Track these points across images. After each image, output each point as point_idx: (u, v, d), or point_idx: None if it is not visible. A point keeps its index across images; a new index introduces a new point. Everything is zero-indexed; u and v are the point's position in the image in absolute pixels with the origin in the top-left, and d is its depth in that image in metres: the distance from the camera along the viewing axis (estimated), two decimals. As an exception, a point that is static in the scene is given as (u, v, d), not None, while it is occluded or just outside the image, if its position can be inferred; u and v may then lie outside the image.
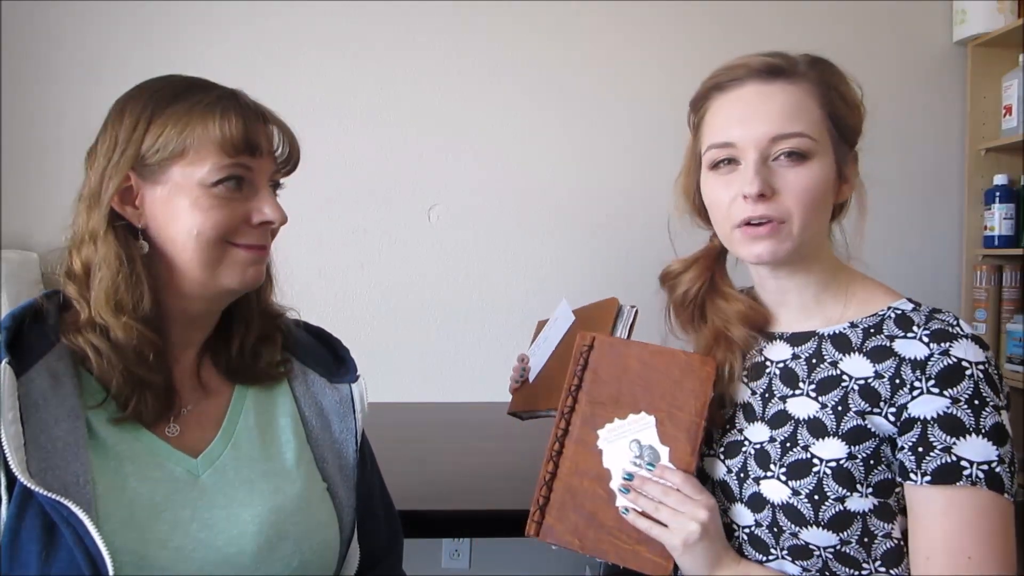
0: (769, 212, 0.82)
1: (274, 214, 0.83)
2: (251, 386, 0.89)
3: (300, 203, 1.97)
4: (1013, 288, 2.03)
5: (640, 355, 0.93)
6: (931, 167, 2.19)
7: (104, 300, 0.77)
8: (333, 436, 0.91)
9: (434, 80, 2.10)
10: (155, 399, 0.79)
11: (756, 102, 0.84)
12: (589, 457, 0.91)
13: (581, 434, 0.92)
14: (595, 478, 0.90)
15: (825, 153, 0.84)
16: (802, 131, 0.82)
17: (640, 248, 2.15)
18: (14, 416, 0.70)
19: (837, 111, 0.85)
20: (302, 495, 0.84)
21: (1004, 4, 2.07)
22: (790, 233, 0.83)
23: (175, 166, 0.78)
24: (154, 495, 0.76)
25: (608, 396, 0.93)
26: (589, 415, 0.93)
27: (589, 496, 0.90)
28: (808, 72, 0.85)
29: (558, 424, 0.94)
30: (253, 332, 0.90)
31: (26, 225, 1.98)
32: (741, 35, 2.12)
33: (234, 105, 0.81)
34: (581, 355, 0.96)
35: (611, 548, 0.88)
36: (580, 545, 0.90)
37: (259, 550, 0.78)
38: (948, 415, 0.77)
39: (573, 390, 0.94)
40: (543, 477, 0.92)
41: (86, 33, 2.01)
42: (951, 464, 0.76)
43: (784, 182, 0.82)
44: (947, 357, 0.79)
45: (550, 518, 0.91)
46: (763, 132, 0.83)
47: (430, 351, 2.11)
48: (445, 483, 1.35)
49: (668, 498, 0.85)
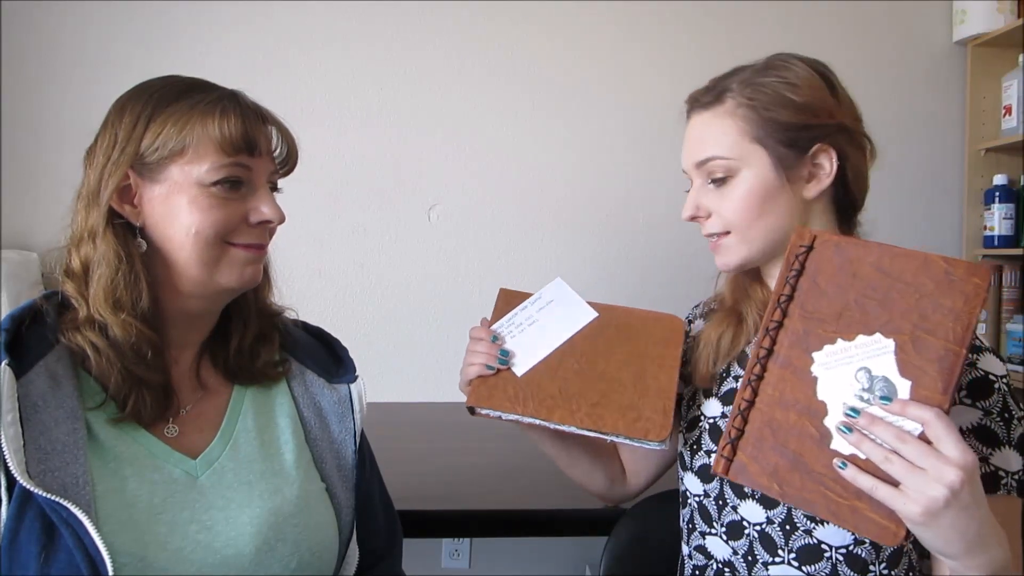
0: (711, 229, 0.92)
1: (273, 213, 0.83)
2: (249, 386, 0.89)
3: (300, 203, 1.99)
4: (1013, 288, 2.03)
5: (879, 260, 0.74)
6: (931, 167, 2.19)
7: (103, 297, 0.77)
8: (332, 436, 0.91)
9: (434, 80, 2.10)
10: (153, 398, 0.79)
11: (690, 132, 0.94)
12: (799, 385, 0.73)
13: (789, 356, 0.75)
14: (805, 412, 0.72)
15: (752, 164, 0.88)
16: (712, 155, 0.89)
17: (641, 248, 2.15)
18: (13, 417, 0.70)
19: (772, 118, 0.87)
20: (301, 496, 0.84)
21: (1004, 4, 2.07)
22: (735, 243, 0.90)
23: (174, 165, 0.78)
24: (153, 497, 0.76)
25: (830, 311, 0.74)
26: (802, 334, 0.75)
27: (796, 433, 0.72)
28: (735, 90, 0.89)
29: (760, 342, 0.77)
30: (251, 332, 0.90)
31: (26, 225, 1.98)
32: (741, 35, 2.12)
33: (234, 105, 0.81)
34: (797, 257, 0.78)
35: (820, 500, 0.70)
36: (780, 492, 0.72)
37: (257, 551, 0.78)
38: (983, 426, 0.80)
39: (783, 301, 0.77)
40: (738, 405, 0.76)
41: (86, 33, 2.01)
42: (990, 474, 0.79)
43: (715, 202, 0.91)
44: (975, 369, 0.82)
45: (743, 455, 0.74)
46: (689, 162, 0.93)
47: (430, 351, 2.11)
48: (445, 483, 1.35)
49: (905, 446, 0.65)
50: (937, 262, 0.71)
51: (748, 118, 0.88)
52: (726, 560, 0.91)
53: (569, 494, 1.30)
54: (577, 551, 2.02)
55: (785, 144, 0.87)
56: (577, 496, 1.27)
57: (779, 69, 0.90)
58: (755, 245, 0.90)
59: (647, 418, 0.90)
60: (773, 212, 0.89)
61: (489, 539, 2.00)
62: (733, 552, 0.90)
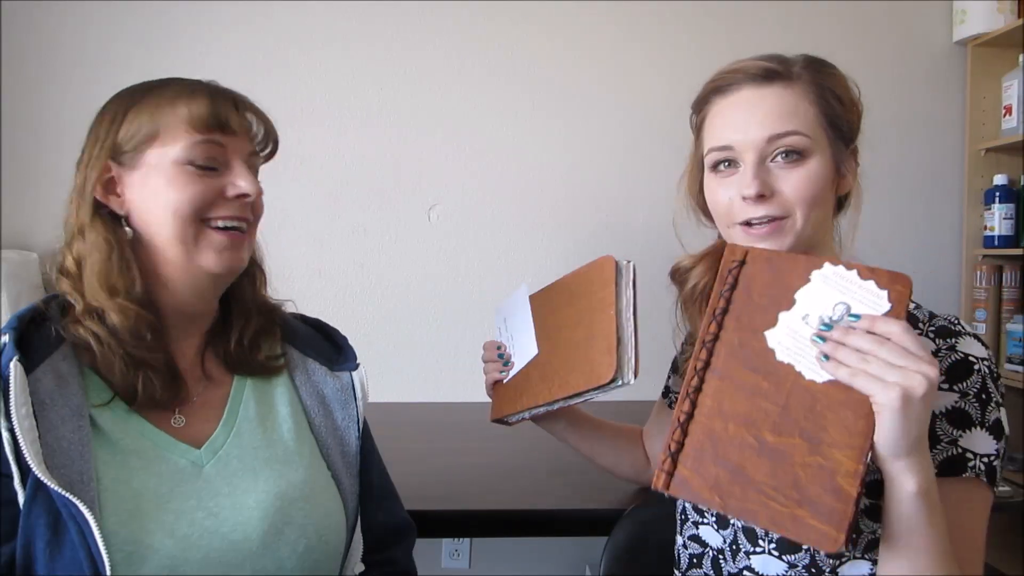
0: (770, 211, 0.85)
1: (249, 187, 0.83)
2: (250, 377, 0.90)
3: (300, 203, 1.99)
4: (1013, 288, 2.03)
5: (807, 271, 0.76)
6: (931, 167, 2.19)
7: (98, 284, 0.80)
8: (335, 424, 0.92)
9: (434, 80, 2.10)
10: (162, 381, 0.81)
11: (752, 106, 0.87)
12: (737, 395, 0.74)
13: (727, 368, 0.76)
14: (744, 423, 0.73)
15: (822, 150, 0.86)
16: (796, 129, 0.85)
17: (641, 247, 2.14)
18: (27, 411, 0.72)
19: (832, 110, 0.87)
20: (306, 481, 0.85)
21: (1004, 4, 2.07)
22: (792, 228, 0.86)
23: (150, 149, 0.81)
24: (159, 487, 0.77)
25: (764, 322, 0.76)
26: (737, 345, 0.76)
27: (736, 444, 0.73)
28: (802, 74, 0.88)
29: (697, 355, 0.78)
30: (252, 326, 0.91)
31: (26, 225, 1.98)
32: (741, 35, 2.12)
33: (203, 88, 0.84)
34: (730, 272, 0.80)
35: (762, 510, 0.70)
36: (722, 504, 0.72)
37: (265, 535, 0.80)
38: (956, 408, 0.79)
39: (718, 314, 0.78)
40: (676, 419, 0.76)
41: (86, 33, 2.01)
42: (957, 456, 0.79)
43: (783, 181, 0.85)
44: (954, 352, 0.81)
45: (684, 469, 0.74)
46: (759, 134, 0.85)
47: (430, 351, 2.11)
48: (445, 483, 1.35)
49: (882, 349, 0.68)
50: (861, 271, 0.74)
51: (818, 104, 0.86)
52: (719, 548, 0.93)
53: (569, 494, 1.30)
54: (577, 551, 2.02)
55: (840, 139, 0.88)
56: (577, 496, 1.27)
57: (826, 65, 0.90)
58: (807, 233, 0.86)
59: (595, 363, 0.92)
60: (825, 203, 0.88)
61: (489, 539, 2.00)
62: (723, 540, 0.92)
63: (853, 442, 0.69)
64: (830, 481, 0.68)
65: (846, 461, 0.68)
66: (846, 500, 0.67)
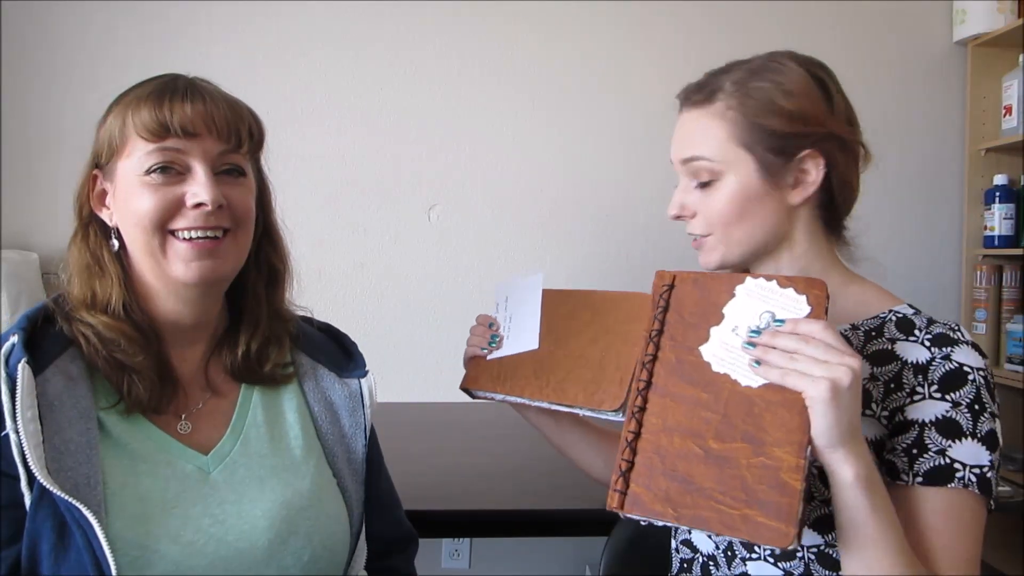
0: (694, 230, 0.91)
1: (206, 194, 0.78)
2: (256, 385, 0.90)
3: (300, 203, 1.99)
4: (1013, 288, 2.03)
5: (731, 288, 0.81)
6: (931, 167, 2.19)
7: (76, 294, 0.81)
8: (343, 431, 0.92)
9: (434, 80, 2.10)
10: (149, 386, 0.80)
11: (677, 128, 0.93)
12: (679, 410, 0.77)
13: (667, 385, 0.79)
14: (688, 434, 0.76)
15: (737, 169, 0.86)
16: (698, 155, 0.88)
17: (640, 246, 2.15)
18: (33, 414, 0.71)
19: (758, 125, 0.85)
20: (312, 489, 0.85)
21: (1004, 4, 2.07)
22: (716, 246, 0.90)
23: (119, 162, 0.81)
24: (166, 492, 0.77)
25: (697, 339, 0.80)
26: (675, 362, 0.80)
27: (682, 455, 0.75)
28: (725, 92, 0.88)
29: (639, 376, 0.81)
30: (261, 334, 0.90)
31: (26, 225, 1.98)
32: (740, 35, 2.12)
33: (160, 90, 0.80)
34: (661, 296, 0.84)
35: (713, 515, 0.71)
36: (675, 515, 0.73)
37: (270, 544, 0.79)
38: (947, 419, 0.79)
39: (654, 336, 0.82)
40: (624, 439, 0.78)
41: (86, 33, 2.01)
42: (944, 466, 0.78)
43: (700, 202, 0.89)
44: (948, 362, 0.80)
45: (636, 486, 0.76)
46: (675, 158, 0.92)
47: (430, 351, 2.11)
48: (445, 483, 1.35)
49: (808, 346, 0.72)
50: (780, 280, 0.79)
51: (737, 122, 0.86)
52: (710, 554, 0.93)
53: (569, 494, 1.30)
54: (577, 551, 2.02)
55: (772, 151, 0.86)
56: (577, 496, 1.27)
57: (774, 72, 0.87)
58: (736, 248, 0.89)
59: (604, 389, 0.93)
60: (756, 216, 0.88)
61: (489, 539, 2.00)
62: (716, 547, 0.92)
63: (792, 438, 0.71)
64: (775, 479, 0.70)
65: (788, 457, 0.71)
66: (792, 494, 0.69)
